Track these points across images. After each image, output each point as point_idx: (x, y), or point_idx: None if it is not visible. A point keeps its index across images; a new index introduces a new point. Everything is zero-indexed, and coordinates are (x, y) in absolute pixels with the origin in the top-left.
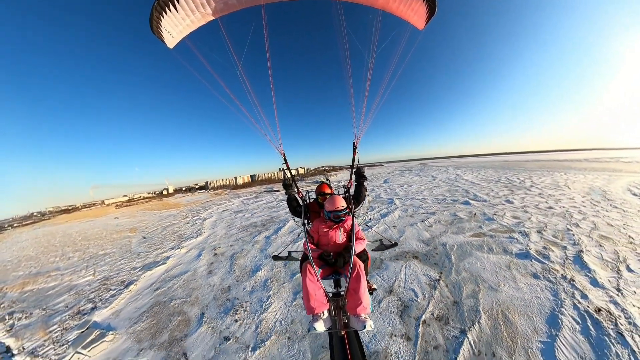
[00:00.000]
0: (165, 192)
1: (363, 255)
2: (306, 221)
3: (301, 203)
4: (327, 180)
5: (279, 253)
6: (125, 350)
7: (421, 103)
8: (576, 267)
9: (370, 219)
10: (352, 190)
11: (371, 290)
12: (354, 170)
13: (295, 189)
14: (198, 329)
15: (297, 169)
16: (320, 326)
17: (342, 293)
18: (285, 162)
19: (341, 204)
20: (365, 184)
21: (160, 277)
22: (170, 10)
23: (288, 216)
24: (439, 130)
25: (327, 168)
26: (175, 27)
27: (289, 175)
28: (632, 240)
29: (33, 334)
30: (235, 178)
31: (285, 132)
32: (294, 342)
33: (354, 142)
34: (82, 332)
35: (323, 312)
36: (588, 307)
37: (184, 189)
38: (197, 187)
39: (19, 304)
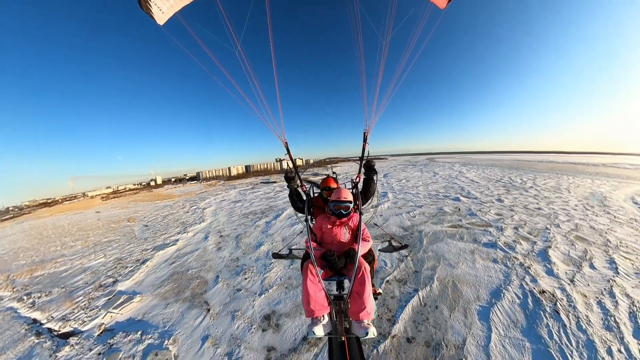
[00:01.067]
0: (153, 183)
1: (369, 257)
2: (309, 217)
3: (304, 197)
4: (334, 173)
5: (279, 250)
6: (154, 306)
7: (437, 93)
8: (538, 259)
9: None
10: (360, 186)
11: (376, 295)
12: (364, 163)
13: (298, 182)
14: (215, 286)
15: (295, 159)
16: (320, 331)
17: (345, 296)
18: (288, 152)
19: (346, 195)
20: (375, 178)
21: (173, 255)
22: None
23: (286, 205)
24: (453, 124)
25: (329, 160)
26: (165, 1)
27: (292, 167)
28: (608, 242)
29: (59, 306)
30: (229, 168)
31: (287, 120)
32: (290, 290)
33: (364, 132)
34: (110, 298)
35: (323, 316)
36: (534, 288)
37: (173, 179)
38: (187, 177)
39: (34, 287)
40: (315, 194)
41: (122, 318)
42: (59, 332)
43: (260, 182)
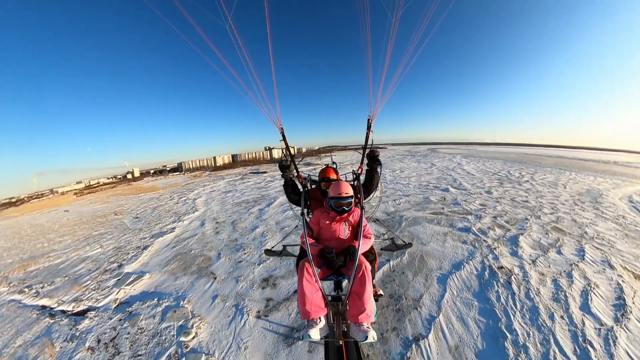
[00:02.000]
0: (130, 176)
1: (370, 255)
2: (306, 211)
3: (301, 189)
4: (334, 163)
5: (272, 247)
6: (164, 280)
7: (446, 79)
8: (507, 243)
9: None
10: (362, 178)
11: (377, 297)
12: (367, 153)
13: (295, 172)
14: (218, 261)
15: (283, 148)
16: (316, 334)
17: (343, 297)
18: (284, 138)
19: (346, 189)
20: (378, 170)
21: (173, 241)
22: None
23: (277, 194)
24: (463, 114)
25: (323, 149)
26: None
27: (288, 155)
28: (585, 234)
29: (67, 291)
30: (214, 158)
31: (283, 104)
32: (284, 260)
33: (368, 119)
34: (119, 279)
35: (320, 318)
36: (493, 264)
37: (152, 171)
38: (168, 169)
39: (32, 280)
40: (313, 186)
41: (136, 292)
42: (74, 312)
43: (250, 172)
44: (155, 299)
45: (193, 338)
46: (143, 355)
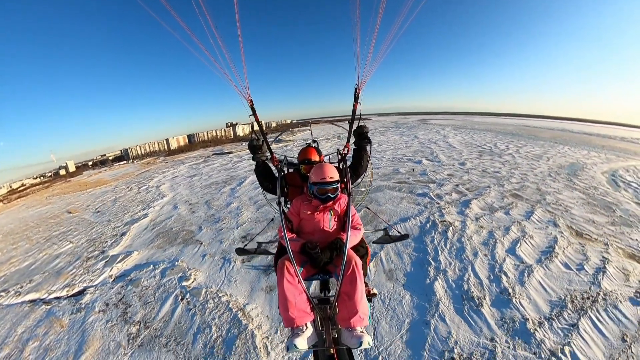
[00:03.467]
0: (64, 172)
1: (361, 249)
2: (283, 199)
3: (276, 173)
4: (315, 142)
5: (245, 245)
6: (154, 253)
7: (447, 37)
8: (458, 205)
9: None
10: (349, 158)
11: (370, 296)
12: (354, 129)
13: (268, 153)
14: (201, 232)
15: (252, 123)
16: (303, 343)
17: (332, 299)
18: (254, 113)
19: (331, 173)
20: (368, 149)
21: (150, 224)
22: None
23: (247, 174)
24: (467, 80)
25: (304, 122)
26: None
27: (259, 133)
28: (542, 200)
29: (53, 283)
30: (167, 141)
31: (250, 71)
32: (258, 223)
33: (355, 89)
34: (107, 261)
35: (306, 325)
36: (437, 219)
37: (91, 163)
38: (111, 158)
39: (5, 284)
40: (291, 170)
41: (129, 266)
42: (69, 295)
43: (213, 154)
44: (151, 266)
45: (192, 282)
46: (152, 301)
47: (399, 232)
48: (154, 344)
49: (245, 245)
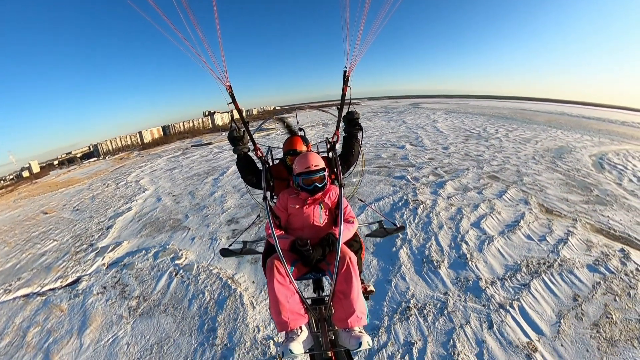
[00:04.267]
0: (27, 174)
1: (355, 244)
2: (269, 194)
3: (260, 166)
4: (301, 130)
5: (229, 245)
6: (143, 241)
7: (443, 14)
8: (433, 186)
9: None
10: (339, 147)
11: (367, 294)
12: (344, 115)
13: (251, 144)
14: (188, 219)
15: (232, 112)
16: (298, 347)
17: (326, 299)
18: (234, 100)
19: (315, 161)
20: (359, 136)
21: (135, 216)
22: None
23: (230, 164)
24: (473, 61)
25: (288, 107)
26: None
27: (240, 122)
28: (519, 181)
29: (44, 278)
30: (140, 134)
31: (231, 54)
32: (242, 208)
33: (344, 71)
34: (97, 252)
35: (300, 328)
36: (410, 198)
37: (56, 162)
38: (79, 156)
39: None
40: (276, 161)
41: (120, 254)
42: (64, 285)
43: (192, 146)
44: (143, 252)
45: (184, 260)
46: (148, 279)
47: (394, 225)
48: (154, 311)
49: (230, 245)
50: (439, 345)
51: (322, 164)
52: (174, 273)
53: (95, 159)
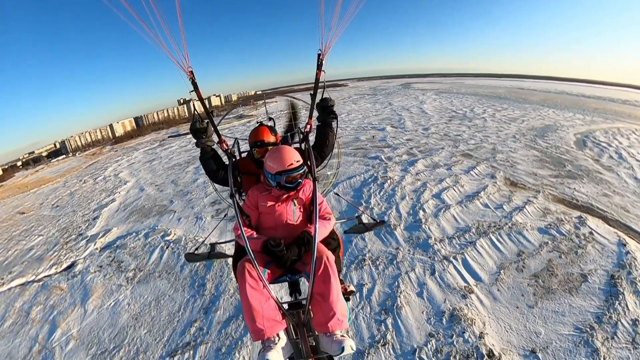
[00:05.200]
0: None
1: (332, 242)
2: (237, 191)
3: (226, 161)
4: (270, 119)
5: (196, 249)
6: (132, 226)
7: None
8: (404, 164)
9: None
10: (312, 138)
11: (347, 294)
12: (317, 102)
13: (215, 137)
14: (173, 204)
15: (192, 100)
16: (277, 356)
17: (304, 302)
18: (195, 88)
19: (295, 157)
20: (334, 125)
21: (120, 206)
22: None
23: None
24: (478, 38)
25: (261, 93)
26: None
27: (201, 112)
28: (491, 158)
29: (37, 268)
30: (111, 127)
31: (196, 35)
32: (225, 192)
33: (319, 55)
34: (88, 239)
35: (278, 335)
36: (380, 175)
37: (19, 164)
38: (45, 154)
39: None
40: (243, 155)
41: (111, 239)
42: (60, 271)
43: (169, 137)
44: (133, 234)
45: (173, 236)
46: (141, 254)
47: (374, 220)
48: (150, 278)
49: (196, 249)
50: (385, 286)
51: (301, 159)
52: (165, 247)
53: (64, 156)
